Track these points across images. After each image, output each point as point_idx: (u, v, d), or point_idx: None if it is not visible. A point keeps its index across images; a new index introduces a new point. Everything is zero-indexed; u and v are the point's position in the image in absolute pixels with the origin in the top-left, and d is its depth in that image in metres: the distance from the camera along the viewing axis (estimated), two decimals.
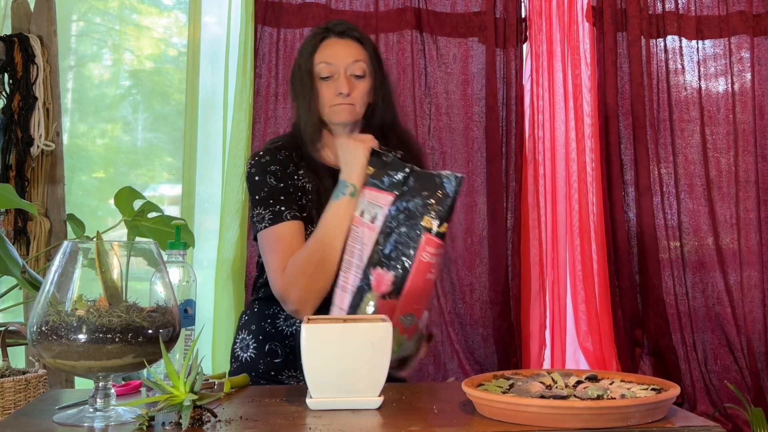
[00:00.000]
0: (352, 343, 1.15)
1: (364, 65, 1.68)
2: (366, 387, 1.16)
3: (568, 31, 3.20)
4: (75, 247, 1.11)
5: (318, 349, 1.15)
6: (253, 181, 1.65)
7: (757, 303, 3.14)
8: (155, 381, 1.07)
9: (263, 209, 1.62)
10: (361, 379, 1.15)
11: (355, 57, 1.67)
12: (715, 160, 3.20)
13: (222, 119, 3.04)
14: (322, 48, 1.69)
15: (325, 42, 1.69)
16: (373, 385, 1.16)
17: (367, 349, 1.15)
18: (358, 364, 1.15)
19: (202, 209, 3.14)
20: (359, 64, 1.67)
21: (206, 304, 2.90)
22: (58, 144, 2.74)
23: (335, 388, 1.16)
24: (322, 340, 1.15)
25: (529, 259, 3.13)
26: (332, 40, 1.69)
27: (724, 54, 3.23)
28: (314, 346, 1.15)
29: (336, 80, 1.65)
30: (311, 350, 1.15)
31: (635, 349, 3.15)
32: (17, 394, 1.60)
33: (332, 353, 1.15)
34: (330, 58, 1.67)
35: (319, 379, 1.15)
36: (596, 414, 1.02)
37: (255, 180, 1.65)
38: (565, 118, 3.17)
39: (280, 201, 1.62)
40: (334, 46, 1.68)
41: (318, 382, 1.15)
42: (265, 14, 3.05)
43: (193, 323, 1.34)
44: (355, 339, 1.15)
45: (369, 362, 1.15)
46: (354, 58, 1.67)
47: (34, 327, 1.07)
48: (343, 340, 1.15)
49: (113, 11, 3.26)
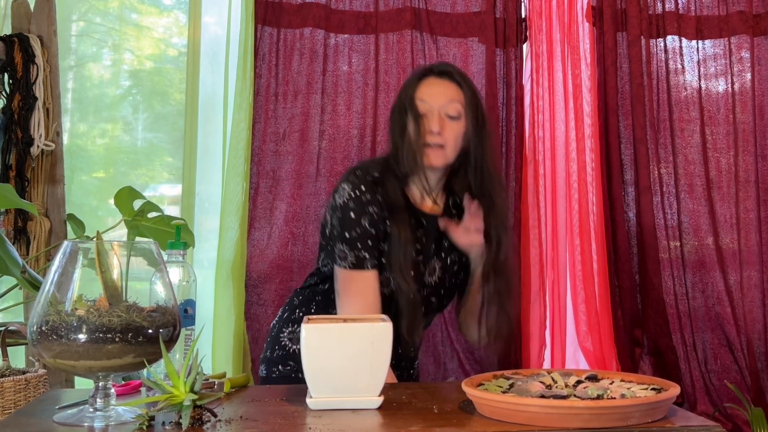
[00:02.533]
0: (351, 343, 1.15)
1: (460, 107, 1.66)
2: (366, 387, 1.16)
3: (568, 31, 3.20)
4: (75, 247, 1.11)
5: (318, 349, 1.15)
6: (348, 218, 1.63)
7: (757, 303, 3.14)
8: (155, 381, 1.07)
9: (348, 249, 1.63)
10: (361, 379, 1.16)
11: (450, 97, 1.66)
12: (715, 160, 3.20)
13: (222, 119, 3.04)
14: (420, 86, 1.69)
15: (424, 80, 1.70)
16: (373, 385, 1.17)
17: (367, 349, 1.15)
18: (358, 364, 1.15)
19: (202, 209, 3.14)
20: (454, 105, 1.66)
21: (206, 304, 2.90)
22: (58, 144, 2.74)
23: (335, 388, 1.16)
24: (322, 340, 1.15)
25: (529, 259, 3.13)
26: (431, 79, 1.70)
27: (724, 54, 3.23)
28: (314, 346, 1.15)
29: (429, 119, 1.65)
30: (311, 350, 1.15)
31: (635, 349, 3.15)
32: (17, 394, 1.60)
33: (332, 353, 1.15)
34: (426, 96, 1.67)
35: (319, 379, 1.15)
36: (596, 414, 1.02)
37: (350, 217, 1.63)
38: (565, 118, 3.17)
39: (367, 247, 1.63)
40: (432, 85, 1.69)
41: (318, 381, 1.16)
42: (265, 14, 3.05)
43: (193, 323, 1.34)
44: (354, 339, 1.15)
45: (369, 362, 1.15)
46: (449, 98, 1.66)
47: (34, 327, 1.07)
48: (343, 340, 1.15)
49: (113, 11, 3.26)
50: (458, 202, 1.77)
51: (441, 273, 1.69)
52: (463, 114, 1.66)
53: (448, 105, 1.65)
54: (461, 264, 1.74)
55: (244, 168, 2.95)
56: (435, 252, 1.71)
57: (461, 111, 1.66)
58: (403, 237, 1.63)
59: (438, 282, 1.69)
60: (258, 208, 2.97)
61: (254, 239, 2.96)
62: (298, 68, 3.04)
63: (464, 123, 1.67)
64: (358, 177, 1.67)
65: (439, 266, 1.69)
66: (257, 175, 2.99)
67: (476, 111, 1.70)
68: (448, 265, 1.70)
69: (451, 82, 1.69)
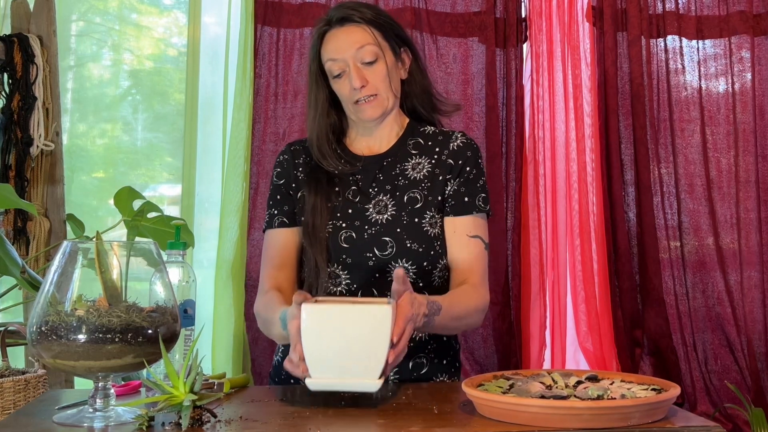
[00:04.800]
0: (352, 324, 1.14)
1: (374, 48, 1.53)
2: (365, 369, 1.15)
3: (568, 31, 3.20)
4: (75, 247, 1.11)
5: (317, 329, 1.14)
6: (270, 184, 1.66)
7: (757, 303, 3.14)
8: (155, 381, 1.07)
9: (267, 212, 1.65)
10: (361, 361, 1.14)
11: (360, 43, 1.53)
12: (716, 160, 3.20)
13: (222, 119, 3.04)
14: (325, 44, 1.57)
15: (327, 36, 1.57)
16: (373, 368, 1.15)
17: (367, 330, 1.14)
18: (358, 345, 1.13)
19: (202, 209, 3.14)
20: (367, 49, 1.53)
21: (206, 304, 2.90)
22: (57, 144, 2.74)
23: (334, 370, 1.14)
24: (321, 321, 1.14)
25: (529, 259, 3.13)
26: (333, 31, 1.56)
27: (725, 54, 3.23)
28: (313, 327, 1.14)
29: (348, 75, 1.54)
30: (310, 331, 1.14)
31: (635, 349, 3.15)
32: (17, 394, 1.60)
33: (331, 334, 1.13)
34: (334, 53, 1.54)
35: (318, 360, 1.14)
36: (596, 414, 1.01)
37: (271, 181, 1.66)
38: (565, 118, 3.17)
39: (276, 202, 1.63)
40: (336, 38, 1.55)
41: (317, 362, 1.14)
42: (265, 14, 3.05)
43: (193, 323, 1.34)
44: (354, 320, 1.14)
45: (368, 344, 1.14)
46: (359, 44, 1.53)
47: (33, 327, 1.07)
48: (343, 322, 1.14)
49: (113, 11, 3.26)
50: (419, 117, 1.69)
51: (395, 210, 1.56)
52: (381, 53, 1.54)
53: (361, 52, 1.53)
54: (427, 202, 1.57)
55: (244, 168, 2.95)
56: (381, 190, 1.58)
57: (377, 51, 1.53)
58: (313, 187, 1.58)
59: (391, 219, 1.55)
60: (258, 208, 2.97)
61: (254, 239, 2.96)
62: (298, 68, 3.04)
63: (386, 60, 1.55)
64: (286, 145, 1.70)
65: (392, 203, 1.56)
66: (257, 175, 2.99)
67: (393, 40, 1.58)
68: (404, 203, 1.56)
69: (356, 26, 1.54)
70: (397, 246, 1.53)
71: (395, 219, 1.55)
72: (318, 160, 1.61)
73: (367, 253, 1.53)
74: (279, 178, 1.65)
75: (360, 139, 1.66)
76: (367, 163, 1.62)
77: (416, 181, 1.59)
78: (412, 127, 1.66)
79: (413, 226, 1.55)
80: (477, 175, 1.60)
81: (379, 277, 1.53)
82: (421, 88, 1.66)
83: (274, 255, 1.59)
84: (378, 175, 1.60)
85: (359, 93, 1.54)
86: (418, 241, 1.54)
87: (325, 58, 1.57)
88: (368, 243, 1.54)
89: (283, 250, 1.59)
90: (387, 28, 1.58)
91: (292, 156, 1.65)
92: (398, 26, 1.62)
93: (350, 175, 1.61)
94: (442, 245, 1.57)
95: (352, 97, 1.55)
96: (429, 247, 1.55)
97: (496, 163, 3.11)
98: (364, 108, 1.56)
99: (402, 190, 1.58)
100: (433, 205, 1.57)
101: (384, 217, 1.56)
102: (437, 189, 1.58)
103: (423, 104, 1.67)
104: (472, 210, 1.58)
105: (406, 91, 1.66)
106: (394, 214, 1.56)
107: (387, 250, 1.53)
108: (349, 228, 1.56)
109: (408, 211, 1.56)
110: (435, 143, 1.64)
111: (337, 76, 1.56)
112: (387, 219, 1.56)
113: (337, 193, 1.60)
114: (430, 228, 1.56)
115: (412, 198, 1.58)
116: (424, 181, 1.59)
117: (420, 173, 1.60)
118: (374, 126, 1.62)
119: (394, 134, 1.65)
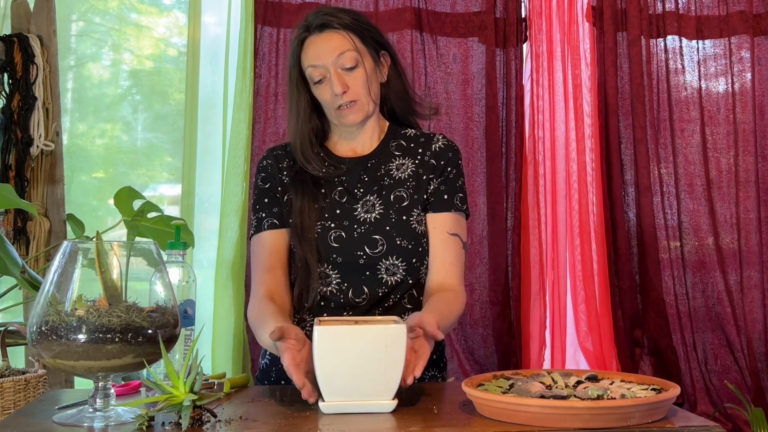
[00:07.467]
0: (365, 345, 1.13)
1: (354, 54, 1.55)
2: (380, 390, 1.14)
3: (568, 31, 3.20)
4: (75, 247, 1.11)
5: (330, 351, 1.13)
6: (254, 186, 1.67)
7: (757, 303, 3.14)
8: (155, 381, 1.07)
9: (253, 216, 1.65)
10: (375, 381, 1.14)
11: (339, 49, 1.55)
12: (715, 160, 3.20)
13: (222, 119, 3.04)
14: (305, 50, 1.59)
15: (307, 42, 1.59)
16: (387, 388, 1.14)
17: (381, 351, 1.13)
18: (372, 366, 1.13)
19: (202, 209, 3.14)
20: (347, 55, 1.55)
21: (206, 304, 2.90)
22: (57, 144, 2.74)
23: (348, 391, 1.14)
24: (335, 343, 1.13)
25: (529, 259, 3.13)
26: (313, 38, 1.58)
27: (724, 54, 3.23)
28: (326, 349, 1.12)
29: (329, 81, 1.56)
30: (323, 353, 1.12)
31: (635, 349, 3.15)
32: (17, 394, 1.60)
33: (345, 356, 1.12)
34: (315, 59, 1.56)
35: (331, 382, 1.13)
36: (596, 414, 1.01)
37: (255, 184, 1.67)
38: (565, 118, 3.17)
39: (263, 205, 1.63)
40: (316, 45, 1.57)
41: (331, 385, 1.13)
42: (265, 14, 3.05)
43: (193, 323, 1.34)
44: (368, 341, 1.13)
45: (382, 364, 1.13)
46: (339, 50, 1.55)
47: (33, 327, 1.07)
48: (356, 343, 1.13)
49: (113, 11, 3.26)
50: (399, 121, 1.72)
51: (383, 209, 1.59)
52: (360, 58, 1.56)
53: (341, 58, 1.55)
54: (413, 200, 1.61)
55: (243, 168, 2.95)
56: (368, 190, 1.61)
57: (357, 57, 1.55)
58: (299, 190, 1.60)
59: (380, 218, 1.58)
60: None
61: None
62: None
63: (365, 65, 1.57)
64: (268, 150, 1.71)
65: (379, 203, 1.60)
66: None
67: (372, 45, 1.60)
68: (391, 201, 1.59)
69: (335, 32, 1.56)
70: (387, 243, 1.57)
71: (383, 217, 1.59)
72: (302, 164, 1.63)
73: (357, 252, 1.56)
74: (264, 182, 1.66)
75: (343, 142, 1.69)
76: (352, 165, 1.65)
77: (401, 181, 1.63)
78: (393, 130, 1.70)
79: (402, 224, 1.58)
80: (456, 175, 1.65)
81: (369, 275, 1.57)
82: (399, 91, 1.69)
83: (265, 258, 1.61)
84: (363, 176, 1.64)
85: (341, 99, 1.57)
86: (407, 238, 1.58)
87: (306, 65, 1.59)
88: (358, 242, 1.57)
89: (274, 253, 1.61)
90: (365, 33, 1.60)
91: (276, 160, 1.67)
92: (377, 30, 1.65)
93: (335, 177, 1.64)
94: (428, 242, 1.62)
95: (333, 103, 1.58)
96: (417, 244, 1.59)
97: (496, 163, 3.11)
98: (346, 113, 1.59)
99: (388, 189, 1.62)
100: (419, 203, 1.61)
101: (372, 216, 1.59)
102: (421, 188, 1.62)
103: (401, 107, 1.70)
104: (451, 208, 1.62)
105: (385, 94, 1.69)
106: (383, 213, 1.59)
107: (377, 248, 1.57)
108: (339, 228, 1.58)
109: (396, 209, 1.60)
110: (417, 145, 1.68)
111: (318, 82, 1.58)
112: (375, 218, 1.59)
113: (324, 194, 1.62)
114: (417, 225, 1.60)
115: (399, 196, 1.61)
116: (409, 180, 1.63)
117: (404, 173, 1.64)
118: (356, 129, 1.65)
119: (376, 137, 1.68)
